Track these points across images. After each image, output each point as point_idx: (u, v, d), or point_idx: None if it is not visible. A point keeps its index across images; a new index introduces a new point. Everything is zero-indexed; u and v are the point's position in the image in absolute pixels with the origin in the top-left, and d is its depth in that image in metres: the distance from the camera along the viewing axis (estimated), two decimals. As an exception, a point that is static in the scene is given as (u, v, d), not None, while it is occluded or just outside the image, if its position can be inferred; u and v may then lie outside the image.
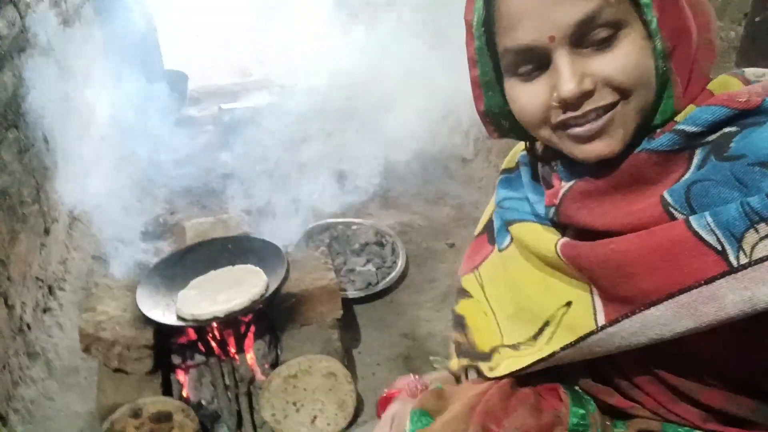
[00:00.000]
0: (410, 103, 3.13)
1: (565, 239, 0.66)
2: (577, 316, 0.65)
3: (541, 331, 0.71)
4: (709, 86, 0.61)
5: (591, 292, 0.64)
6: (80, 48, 2.71)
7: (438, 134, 3.16)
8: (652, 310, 0.56)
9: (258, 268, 1.77)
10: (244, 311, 1.63)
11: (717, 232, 0.52)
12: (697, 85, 0.61)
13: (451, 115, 3.15)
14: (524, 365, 0.72)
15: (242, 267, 1.79)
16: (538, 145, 0.75)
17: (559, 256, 0.65)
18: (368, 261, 2.28)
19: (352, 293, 2.14)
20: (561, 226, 0.70)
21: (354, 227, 2.47)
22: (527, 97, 0.61)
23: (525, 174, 0.78)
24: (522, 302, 0.75)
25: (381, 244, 2.38)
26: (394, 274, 2.24)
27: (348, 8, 4.09)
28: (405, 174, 2.94)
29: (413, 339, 2.03)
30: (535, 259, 0.72)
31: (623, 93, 0.57)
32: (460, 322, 0.89)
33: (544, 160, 0.73)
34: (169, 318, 1.67)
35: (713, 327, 0.54)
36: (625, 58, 0.56)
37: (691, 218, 0.54)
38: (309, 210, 2.49)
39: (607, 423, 0.73)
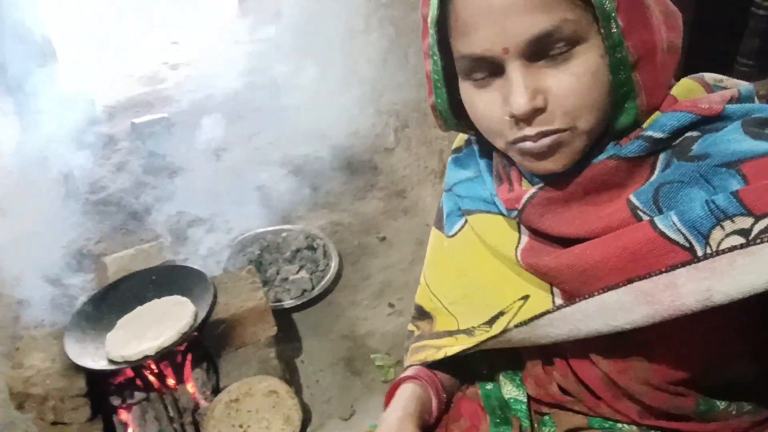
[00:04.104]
0: (329, 99, 3.12)
1: (526, 245, 0.66)
2: (534, 309, 0.64)
3: (495, 318, 0.70)
4: (673, 91, 0.61)
5: (551, 292, 0.64)
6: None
7: (359, 127, 3.17)
8: (611, 293, 0.55)
9: (185, 298, 1.74)
10: (175, 345, 1.62)
11: (683, 230, 0.52)
12: (659, 94, 0.59)
13: (369, 106, 3.15)
14: (475, 343, 0.71)
15: (168, 299, 1.77)
16: None
17: (518, 261, 0.65)
18: (301, 267, 2.28)
19: (288, 303, 2.15)
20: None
21: (284, 234, 2.46)
22: (482, 106, 0.60)
23: (482, 160, 0.74)
24: (472, 290, 0.74)
25: (312, 248, 2.38)
26: (328, 276, 2.26)
27: (256, 10, 4.00)
28: (330, 172, 2.94)
29: (353, 340, 2.06)
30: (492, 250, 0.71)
31: (573, 118, 0.56)
32: (419, 311, 0.87)
33: (502, 154, 0.70)
34: (99, 363, 1.64)
35: (669, 319, 0.53)
36: (579, 78, 0.55)
37: (655, 219, 0.53)
38: (236, 222, 2.47)
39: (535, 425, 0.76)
